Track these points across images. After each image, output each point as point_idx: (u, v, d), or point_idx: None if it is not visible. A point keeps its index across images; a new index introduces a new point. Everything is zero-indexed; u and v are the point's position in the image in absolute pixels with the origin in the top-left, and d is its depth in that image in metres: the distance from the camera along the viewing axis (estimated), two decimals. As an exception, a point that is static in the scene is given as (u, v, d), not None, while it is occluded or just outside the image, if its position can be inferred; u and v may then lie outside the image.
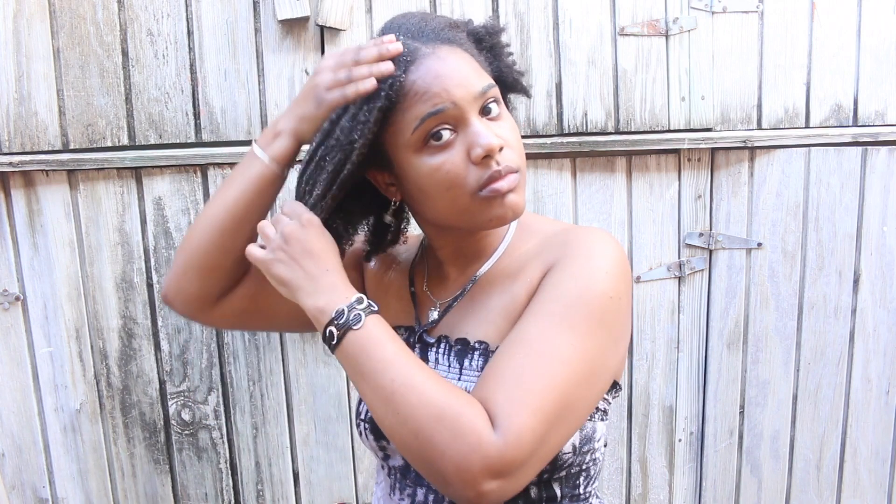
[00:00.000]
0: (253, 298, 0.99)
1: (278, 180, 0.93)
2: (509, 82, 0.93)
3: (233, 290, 0.98)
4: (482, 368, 0.84)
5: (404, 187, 0.86)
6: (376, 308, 0.81)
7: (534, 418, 0.72)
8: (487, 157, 0.80)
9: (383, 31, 0.87)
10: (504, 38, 0.92)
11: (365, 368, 0.76)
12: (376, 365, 0.76)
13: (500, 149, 0.80)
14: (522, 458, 0.72)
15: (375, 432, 0.90)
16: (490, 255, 0.92)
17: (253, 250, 0.86)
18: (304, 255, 0.82)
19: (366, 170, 0.87)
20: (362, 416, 0.93)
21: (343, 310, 0.78)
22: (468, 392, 0.78)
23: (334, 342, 0.78)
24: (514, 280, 0.87)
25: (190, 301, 0.97)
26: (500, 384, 0.74)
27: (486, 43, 0.90)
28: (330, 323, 0.79)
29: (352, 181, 0.85)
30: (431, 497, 0.87)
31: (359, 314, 0.78)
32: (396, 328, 0.89)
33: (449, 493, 0.73)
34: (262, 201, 0.93)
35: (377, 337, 0.78)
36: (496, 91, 0.84)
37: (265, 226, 0.87)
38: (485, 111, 0.82)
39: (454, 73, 0.80)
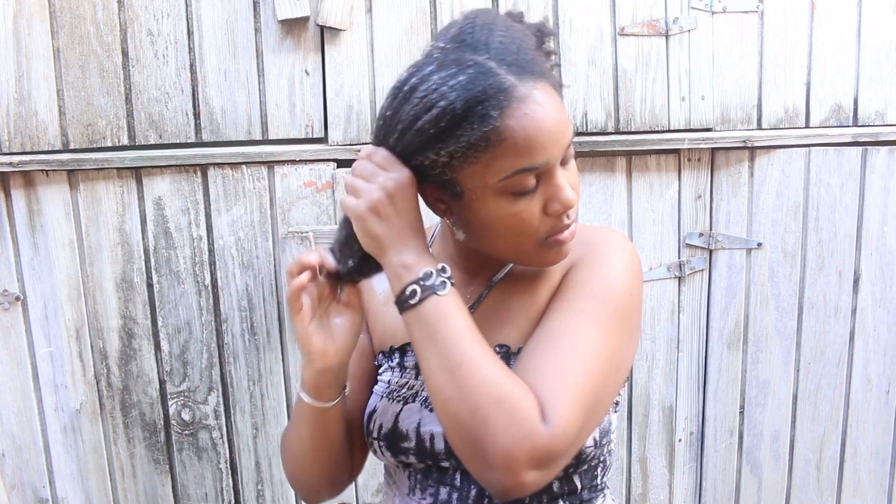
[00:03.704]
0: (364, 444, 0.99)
1: (335, 412, 0.89)
2: None
3: (355, 461, 0.99)
4: None
5: (464, 216, 0.83)
6: (454, 282, 0.81)
7: (576, 411, 0.73)
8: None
9: (461, 34, 0.78)
10: (551, 44, 0.88)
11: (439, 335, 0.76)
12: (451, 333, 0.75)
13: None
14: (564, 450, 0.73)
15: (392, 448, 0.89)
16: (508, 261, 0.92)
17: (347, 201, 0.81)
18: (403, 214, 0.80)
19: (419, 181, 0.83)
20: (375, 434, 0.91)
21: (431, 272, 0.78)
22: None
23: (414, 301, 0.77)
24: (534, 281, 0.88)
25: (335, 494, 0.99)
26: (541, 377, 0.75)
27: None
28: (415, 282, 0.77)
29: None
30: (455, 495, 0.87)
31: (445, 281, 0.78)
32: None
33: (486, 478, 0.74)
34: (333, 431, 0.91)
35: (457, 307, 0.77)
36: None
37: (354, 179, 0.82)
38: (563, 158, 0.81)
39: (553, 127, 0.76)
